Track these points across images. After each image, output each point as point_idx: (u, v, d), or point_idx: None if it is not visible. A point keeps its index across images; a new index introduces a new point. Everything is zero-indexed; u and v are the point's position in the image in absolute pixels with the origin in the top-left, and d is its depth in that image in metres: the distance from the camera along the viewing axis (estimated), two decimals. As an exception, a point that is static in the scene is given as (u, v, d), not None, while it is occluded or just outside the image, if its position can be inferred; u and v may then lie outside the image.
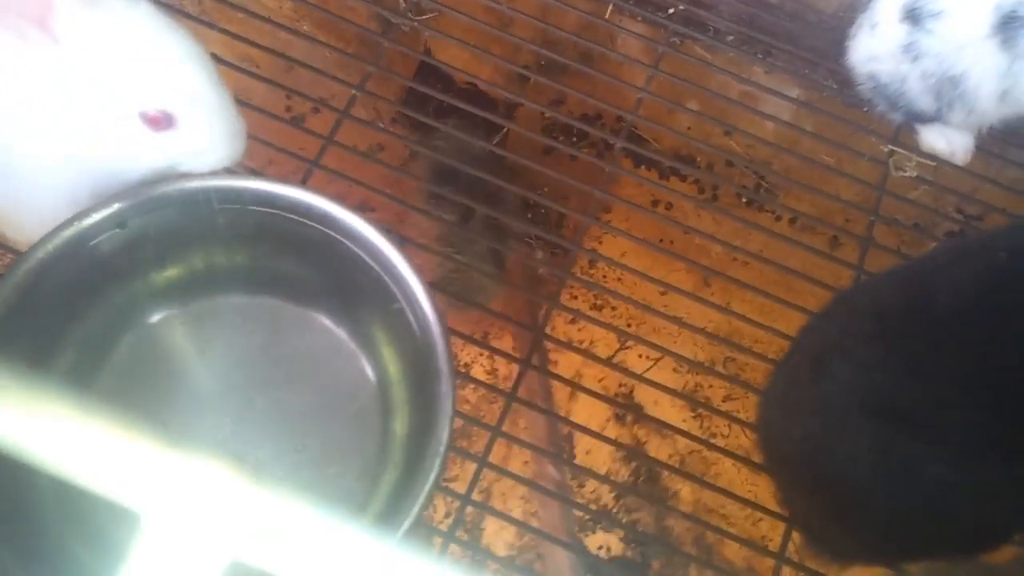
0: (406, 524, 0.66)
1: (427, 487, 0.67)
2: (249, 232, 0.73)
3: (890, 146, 0.97)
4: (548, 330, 0.90)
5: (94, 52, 0.65)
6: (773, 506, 0.79)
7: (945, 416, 0.61)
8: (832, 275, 0.90)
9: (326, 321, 0.77)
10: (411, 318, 0.72)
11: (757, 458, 0.80)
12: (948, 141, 0.92)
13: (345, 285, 0.74)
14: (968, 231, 1.04)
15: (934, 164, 0.96)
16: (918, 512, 0.62)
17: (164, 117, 0.67)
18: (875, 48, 0.89)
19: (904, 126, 0.95)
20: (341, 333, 0.77)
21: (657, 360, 1.14)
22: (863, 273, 0.89)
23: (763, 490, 0.95)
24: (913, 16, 0.85)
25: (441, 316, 0.71)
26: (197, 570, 0.20)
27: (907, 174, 1.00)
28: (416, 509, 0.66)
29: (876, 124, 0.97)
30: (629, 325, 1.16)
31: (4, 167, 0.70)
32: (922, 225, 1.01)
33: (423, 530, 0.91)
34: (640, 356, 1.14)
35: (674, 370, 1.14)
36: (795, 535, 0.79)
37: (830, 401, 0.65)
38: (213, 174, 0.70)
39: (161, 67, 0.67)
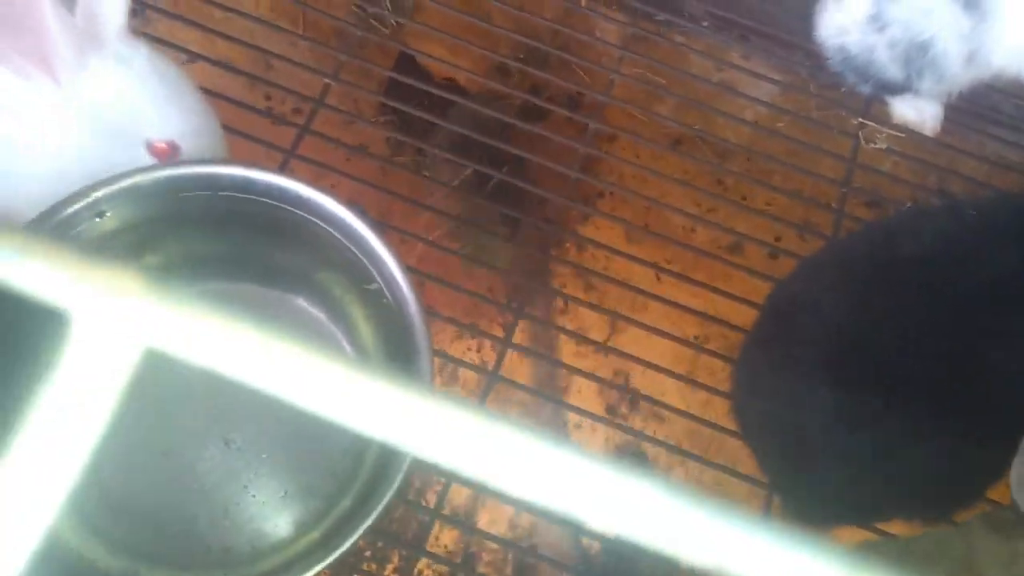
0: (388, 495, 0.67)
1: (407, 461, 0.68)
2: (225, 218, 0.74)
3: (860, 119, 0.98)
4: (530, 311, 0.91)
5: (99, 89, 0.70)
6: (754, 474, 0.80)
7: (904, 367, 0.61)
8: (810, 249, 0.92)
9: (304, 303, 0.79)
10: (389, 297, 0.73)
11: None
12: (918, 110, 0.93)
13: (322, 267, 0.76)
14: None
15: (904, 136, 0.97)
16: (879, 467, 0.63)
17: (171, 147, 0.72)
18: (842, 21, 0.91)
19: (874, 98, 0.97)
20: (319, 314, 0.78)
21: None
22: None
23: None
24: (878, -14, 0.86)
25: (418, 295, 0.73)
26: (114, 363, 0.21)
27: (878, 146, 1.01)
28: (398, 481, 0.68)
29: (846, 98, 0.99)
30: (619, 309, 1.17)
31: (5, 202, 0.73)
32: (894, 199, 1.02)
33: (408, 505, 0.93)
34: (633, 339, 1.15)
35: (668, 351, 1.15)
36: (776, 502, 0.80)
37: (793, 355, 0.66)
38: (187, 161, 0.72)
39: (166, 101, 0.71)
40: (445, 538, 1.00)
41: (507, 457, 0.22)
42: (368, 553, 0.98)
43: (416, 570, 0.99)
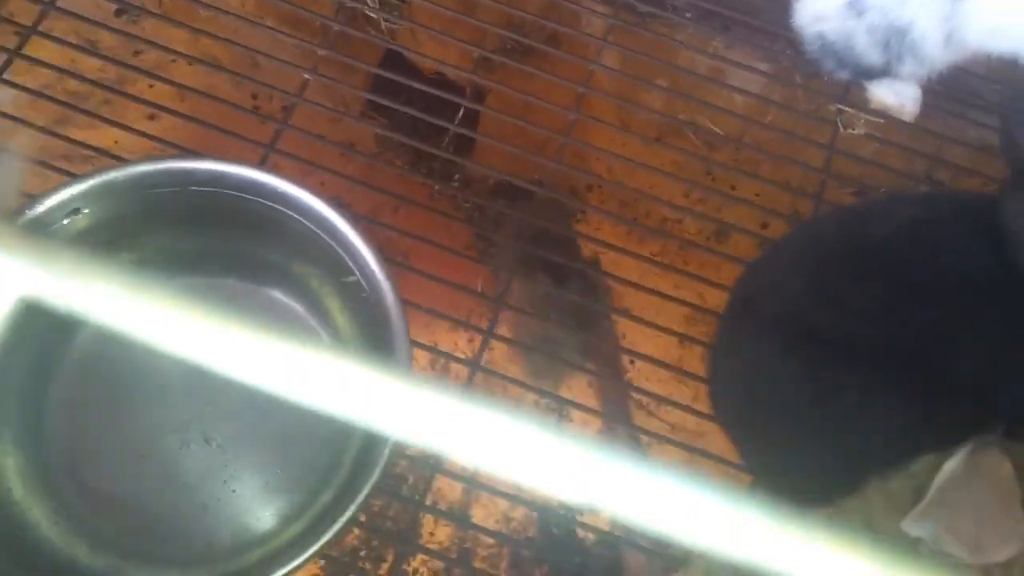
0: (369, 485, 0.67)
1: (387, 450, 0.68)
2: (200, 213, 0.74)
3: (838, 105, 0.98)
4: (511, 301, 0.92)
5: None
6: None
7: (863, 347, 0.61)
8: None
9: (281, 297, 0.79)
10: (367, 290, 0.73)
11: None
12: (897, 94, 0.93)
13: (299, 260, 0.76)
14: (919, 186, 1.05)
15: (883, 121, 0.97)
16: (844, 444, 0.63)
17: None
18: (820, 8, 0.90)
19: (852, 84, 0.97)
20: (297, 307, 0.79)
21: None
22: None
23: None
24: (854, -28, 0.86)
25: (395, 287, 0.73)
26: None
27: (857, 132, 1.01)
28: (377, 471, 0.68)
29: (825, 85, 0.99)
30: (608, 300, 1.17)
31: None
32: (879, 186, 1.02)
33: (402, 501, 0.92)
34: (623, 330, 1.15)
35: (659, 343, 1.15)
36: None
37: (759, 338, 0.66)
38: (161, 157, 0.72)
39: None
40: (440, 534, 1.01)
41: (490, 440, 0.22)
42: (363, 552, 0.98)
43: (412, 568, 0.99)
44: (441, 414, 0.22)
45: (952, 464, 0.61)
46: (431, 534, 1.00)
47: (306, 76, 0.95)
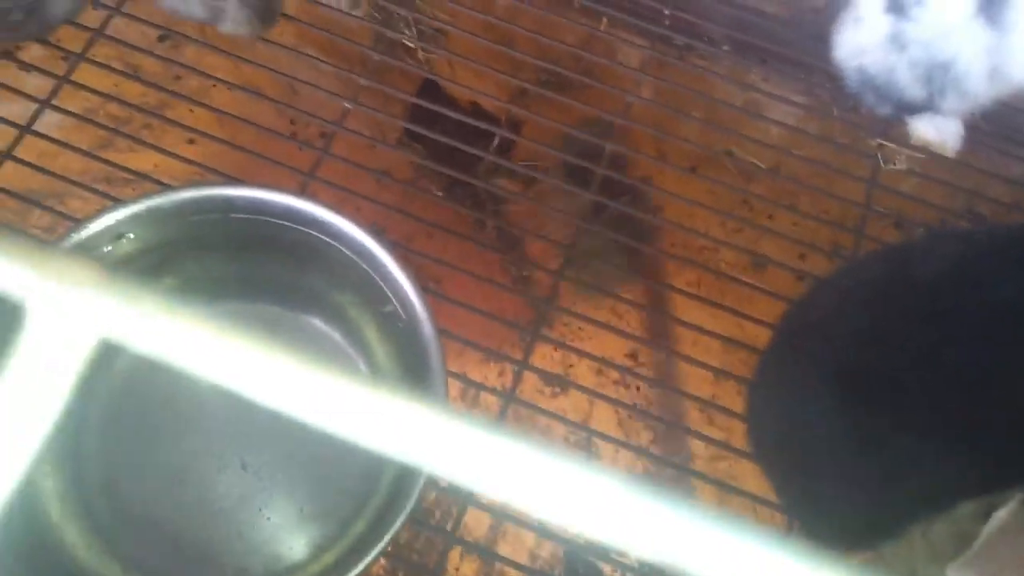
0: (401, 518, 0.67)
1: (420, 482, 0.68)
2: (242, 239, 0.75)
3: (879, 140, 0.97)
4: (546, 331, 0.91)
5: None
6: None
7: (915, 389, 0.60)
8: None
9: (320, 324, 0.79)
10: (403, 319, 0.73)
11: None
12: (938, 130, 0.92)
13: (337, 288, 0.76)
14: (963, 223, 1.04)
15: (924, 156, 0.96)
16: (888, 490, 0.62)
17: None
18: (861, 42, 0.90)
19: (893, 119, 0.96)
20: (335, 335, 0.79)
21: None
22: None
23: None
24: (897, 6, 0.85)
25: (432, 316, 0.73)
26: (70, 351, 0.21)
27: (898, 167, 1.00)
28: (411, 503, 0.67)
29: (865, 119, 0.98)
30: (641, 333, 1.16)
31: None
32: (920, 221, 1.01)
33: (430, 531, 0.92)
34: (656, 364, 1.14)
35: (689, 376, 1.14)
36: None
37: (802, 377, 0.65)
38: (204, 183, 0.73)
39: None
40: (466, 568, 1.00)
41: (522, 475, 0.21)
42: (389, 584, 0.98)
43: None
44: (473, 447, 0.22)
45: (1002, 514, 0.60)
46: (456, 569, 0.99)
47: (347, 105, 0.96)
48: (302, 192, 0.89)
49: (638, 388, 1.12)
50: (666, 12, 1.08)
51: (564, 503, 0.21)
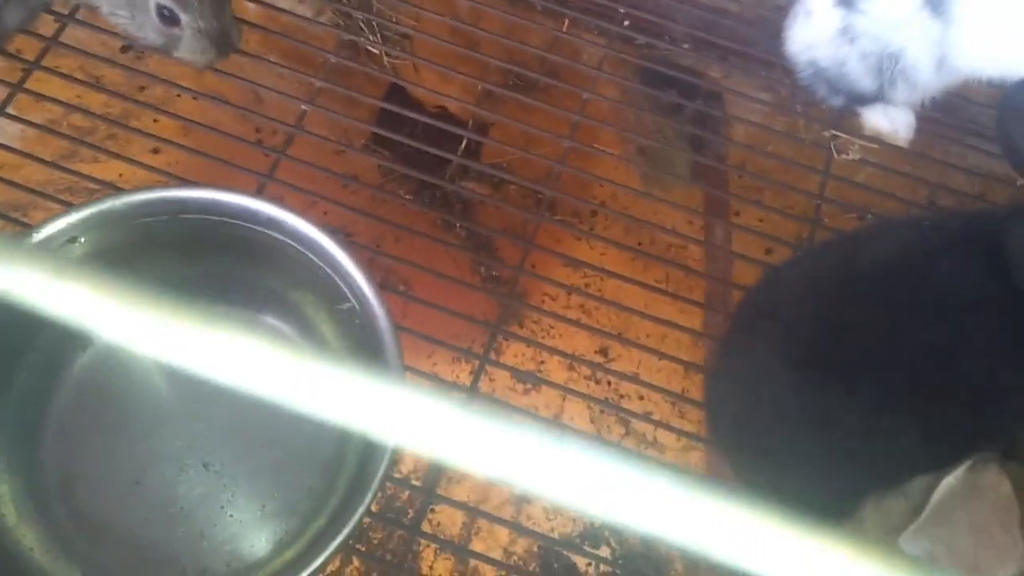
0: (361, 510, 0.67)
1: (377, 479, 0.68)
2: (196, 240, 0.75)
3: (832, 131, 0.98)
4: (510, 327, 0.92)
5: None
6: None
7: (863, 367, 0.61)
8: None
9: (275, 322, 0.79)
10: (360, 316, 0.74)
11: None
12: (890, 119, 0.93)
13: (294, 286, 0.76)
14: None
15: (877, 146, 0.97)
16: (840, 465, 0.63)
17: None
18: (812, 35, 0.91)
19: (845, 110, 0.97)
20: (291, 333, 0.79)
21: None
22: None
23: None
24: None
25: (388, 312, 0.73)
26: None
27: (851, 158, 1.01)
28: (368, 499, 0.68)
29: (819, 111, 0.99)
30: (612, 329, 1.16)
31: None
32: (880, 212, 1.02)
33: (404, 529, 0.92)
34: (627, 359, 1.14)
35: (660, 371, 1.14)
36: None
37: (758, 360, 0.66)
38: (156, 186, 0.73)
39: None
40: (440, 567, 1.00)
41: (488, 451, 0.22)
42: (364, 583, 0.98)
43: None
44: (438, 423, 0.22)
45: (950, 481, 0.60)
46: (431, 567, 0.99)
47: (303, 107, 0.96)
48: (259, 193, 0.90)
49: (609, 383, 1.13)
50: (620, 11, 1.09)
51: (529, 473, 0.22)
